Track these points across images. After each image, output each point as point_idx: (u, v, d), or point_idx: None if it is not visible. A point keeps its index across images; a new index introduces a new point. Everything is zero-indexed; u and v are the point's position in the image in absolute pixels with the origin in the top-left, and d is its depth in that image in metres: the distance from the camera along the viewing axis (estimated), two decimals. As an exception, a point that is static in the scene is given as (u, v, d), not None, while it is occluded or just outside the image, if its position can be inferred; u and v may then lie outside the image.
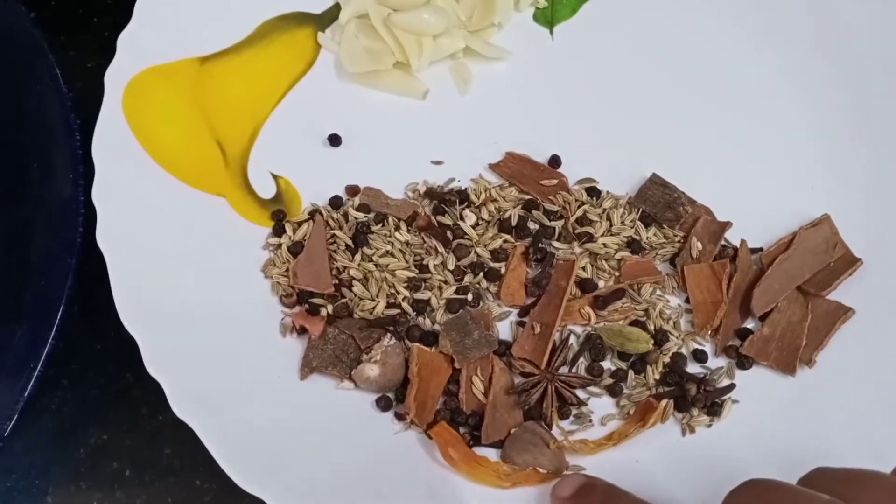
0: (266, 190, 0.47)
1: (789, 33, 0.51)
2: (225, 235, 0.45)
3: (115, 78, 0.47)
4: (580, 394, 0.43)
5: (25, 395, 0.41)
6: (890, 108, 0.49)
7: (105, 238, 0.43)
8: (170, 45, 0.48)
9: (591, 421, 0.43)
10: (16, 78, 0.48)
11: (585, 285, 0.45)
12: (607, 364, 0.44)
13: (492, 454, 0.42)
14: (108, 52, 0.47)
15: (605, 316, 0.44)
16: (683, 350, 0.44)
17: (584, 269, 0.46)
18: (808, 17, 0.50)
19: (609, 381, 0.43)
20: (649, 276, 0.45)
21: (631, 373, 0.44)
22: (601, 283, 0.45)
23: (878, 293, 0.45)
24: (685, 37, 0.51)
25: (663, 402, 0.42)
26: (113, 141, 0.45)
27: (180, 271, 0.44)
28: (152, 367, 0.40)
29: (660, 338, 0.44)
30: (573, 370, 0.44)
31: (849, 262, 0.46)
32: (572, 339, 0.44)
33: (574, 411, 0.43)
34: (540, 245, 0.46)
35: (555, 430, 0.42)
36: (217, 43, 0.49)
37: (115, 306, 0.42)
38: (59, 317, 0.42)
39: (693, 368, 0.44)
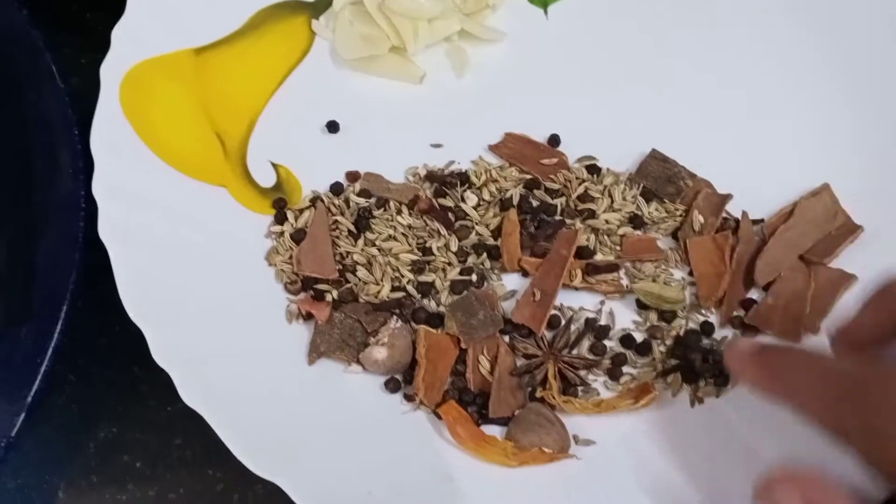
0: (266, 179, 0.47)
1: (786, 5, 0.51)
2: (227, 225, 0.45)
3: (111, 72, 0.46)
4: (584, 375, 0.43)
5: (33, 391, 0.41)
6: (887, 77, 0.49)
7: (107, 232, 0.43)
8: (164, 38, 0.48)
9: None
10: (15, 79, 0.48)
11: (582, 252, 0.45)
12: (611, 344, 0.44)
13: (500, 435, 0.42)
14: (103, 48, 0.47)
15: (592, 283, 0.45)
16: (691, 324, 0.45)
17: (586, 240, 0.46)
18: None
19: (608, 364, 0.43)
20: (650, 253, 0.46)
21: (630, 353, 0.44)
22: (600, 256, 0.46)
23: (880, 260, 0.45)
24: (680, 11, 0.51)
25: (657, 388, 0.42)
26: (111, 135, 0.45)
27: (184, 262, 0.44)
28: (160, 357, 0.40)
29: (667, 315, 0.44)
30: (576, 351, 0.44)
31: (850, 230, 0.46)
32: (574, 323, 0.44)
33: (580, 392, 0.43)
34: (539, 217, 0.46)
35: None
36: (212, 34, 0.49)
37: (119, 300, 0.42)
38: (64, 312, 0.42)
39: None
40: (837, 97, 0.49)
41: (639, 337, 0.44)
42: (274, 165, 0.48)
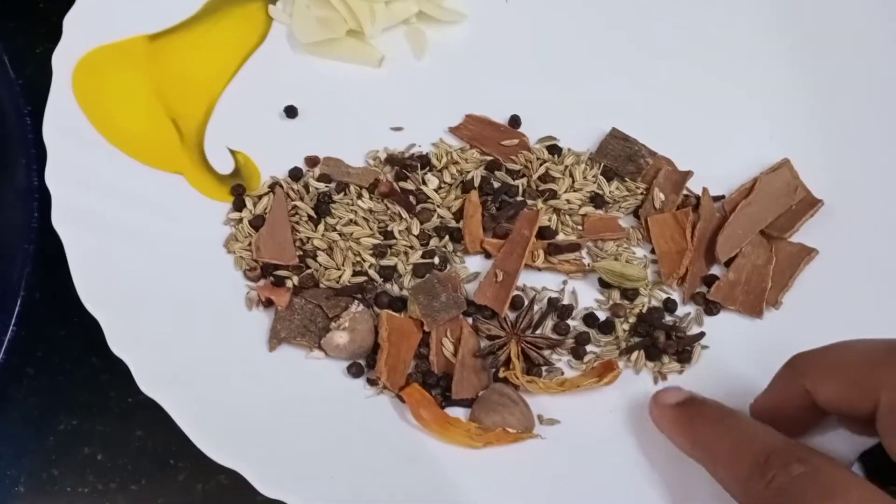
0: (224, 165, 0.47)
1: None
2: (184, 212, 0.45)
3: (64, 60, 0.46)
4: (547, 355, 0.43)
5: (-10, 385, 0.41)
6: (842, 52, 0.49)
7: (61, 221, 0.42)
8: (117, 24, 0.48)
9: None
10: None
11: (545, 232, 0.45)
12: (574, 323, 0.44)
13: (463, 416, 0.42)
14: (57, 37, 0.47)
15: (554, 263, 0.44)
16: (654, 301, 0.45)
17: (548, 220, 0.46)
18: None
19: (571, 343, 0.43)
20: (612, 232, 0.46)
21: (594, 332, 0.44)
22: (562, 237, 0.46)
23: (840, 233, 0.45)
24: (638, -9, 0.51)
25: (620, 366, 0.42)
26: (64, 123, 0.45)
27: (140, 251, 0.43)
28: (116, 346, 0.40)
29: (629, 293, 0.44)
30: (539, 331, 0.44)
31: (810, 204, 0.46)
32: (537, 303, 0.44)
33: (544, 371, 0.43)
34: (501, 199, 0.46)
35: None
36: (166, 19, 0.49)
37: (76, 290, 0.41)
38: (18, 304, 0.42)
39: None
40: (796, 72, 0.49)
41: (602, 315, 0.44)
42: (232, 152, 0.47)
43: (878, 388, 0.33)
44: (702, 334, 0.44)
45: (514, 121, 0.48)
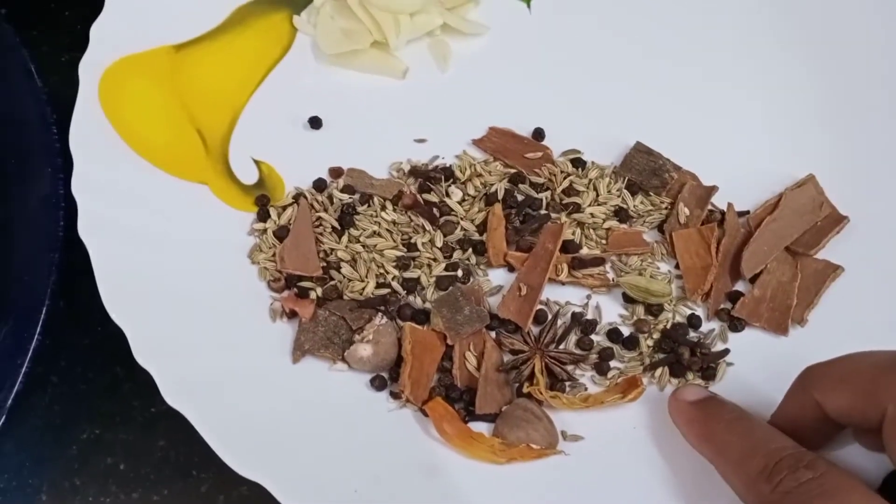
0: (248, 176, 0.47)
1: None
2: (209, 223, 0.45)
3: (90, 69, 0.46)
4: (571, 370, 0.43)
5: (14, 393, 0.41)
6: (869, 66, 0.49)
7: (87, 231, 0.42)
8: (143, 34, 0.48)
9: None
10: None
11: (568, 246, 0.45)
12: (598, 338, 0.44)
13: (486, 431, 0.41)
14: (82, 45, 0.47)
15: (578, 277, 0.44)
16: (678, 317, 0.44)
17: (572, 234, 0.45)
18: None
19: (595, 358, 0.43)
20: (636, 247, 0.45)
21: (617, 347, 0.44)
22: (586, 251, 0.45)
23: (866, 249, 0.45)
24: (663, 4, 0.51)
25: (644, 382, 0.42)
26: (90, 133, 0.45)
27: (165, 261, 0.43)
28: (141, 356, 0.40)
29: (654, 308, 0.44)
30: (563, 346, 0.43)
31: (835, 221, 0.46)
32: (561, 318, 0.44)
33: (567, 387, 0.43)
34: (525, 212, 0.45)
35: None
36: (191, 30, 0.49)
37: (100, 299, 0.41)
38: (44, 313, 0.42)
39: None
40: (823, 88, 0.49)
41: (626, 331, 0.44)
42: (256, 162, 0.47)
43: (885, 399, 0.33)
44: (726, 351, 0.43)
45: (538, 133, 0.48)
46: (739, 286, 0.45)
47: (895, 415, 0.33)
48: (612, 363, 0.43)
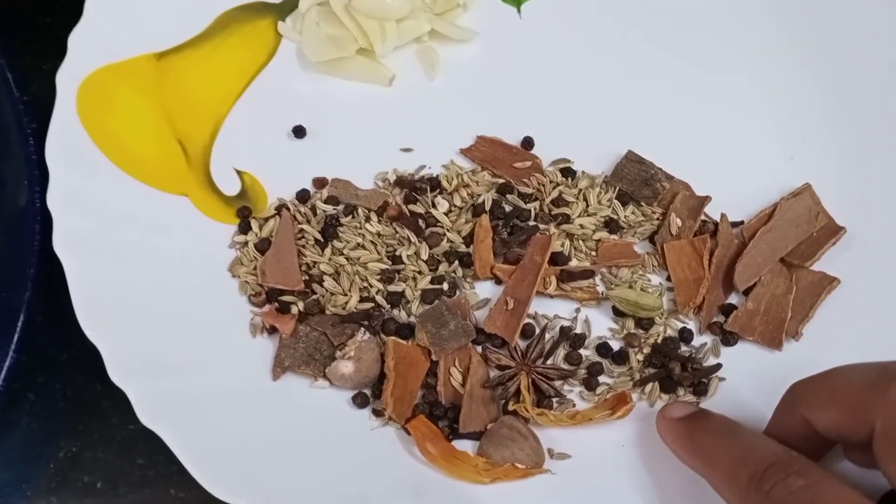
0: (230, 187, 0.46)
1: (763, 6, 0.49)
2: (189, 236, 0.44)
3: (68, 78, 0.45)
4: (559, 386, 0.42)
5: (-10, 410, 0.40)
6: (864, 75, 0.47)
7: (63, 245, 0.41)
8: (124, 42, 0.47)
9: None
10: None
11: (557, 258, 0.44)
12: (587, 353, 0.43)
13: (472, 450, 0.40)
14: (64, 54, 0.46)
15: (566, 290, 0.43)
16: (669, 331, 0.43)
17: (561, 246, 0.44)
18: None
19: (584, 373, 0.42)
20: (626, 258, 0.44)
21: (607, 362, 0.43)
22: (575, 263, 0.44)
23: (863, 261, 0.44)
24: (655, 11, 0.50)
25: (634, 398, 0.41)
26: (67, 144, 0.44)
27: (143, 275, 0.42)
28: (116, 375, 0.39)
29: (644, 322, 0.43)
30: (550, 361, 0.42)
31: (832, 232, 0.45)
32: (549, 332, 0.43)
33: (555, 403, 0.42)
34: (513, 223, 0.44)
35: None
36: (174, 37, 0.48)
37: (77, 314, 0.40)
38: (19, 328, 0.41)
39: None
40: (818, 96, 0.48)
41: (615, 345, 0.43)
42: (238, 172, 0.46)
43: (873, 414, 0.33)
44: (718, 366, 0.42)
45: (527, 142, 0.47)
46: (732, 299, 0.44)
47: (884, 429, 0.32)
48: (602, 378, 0.42)
